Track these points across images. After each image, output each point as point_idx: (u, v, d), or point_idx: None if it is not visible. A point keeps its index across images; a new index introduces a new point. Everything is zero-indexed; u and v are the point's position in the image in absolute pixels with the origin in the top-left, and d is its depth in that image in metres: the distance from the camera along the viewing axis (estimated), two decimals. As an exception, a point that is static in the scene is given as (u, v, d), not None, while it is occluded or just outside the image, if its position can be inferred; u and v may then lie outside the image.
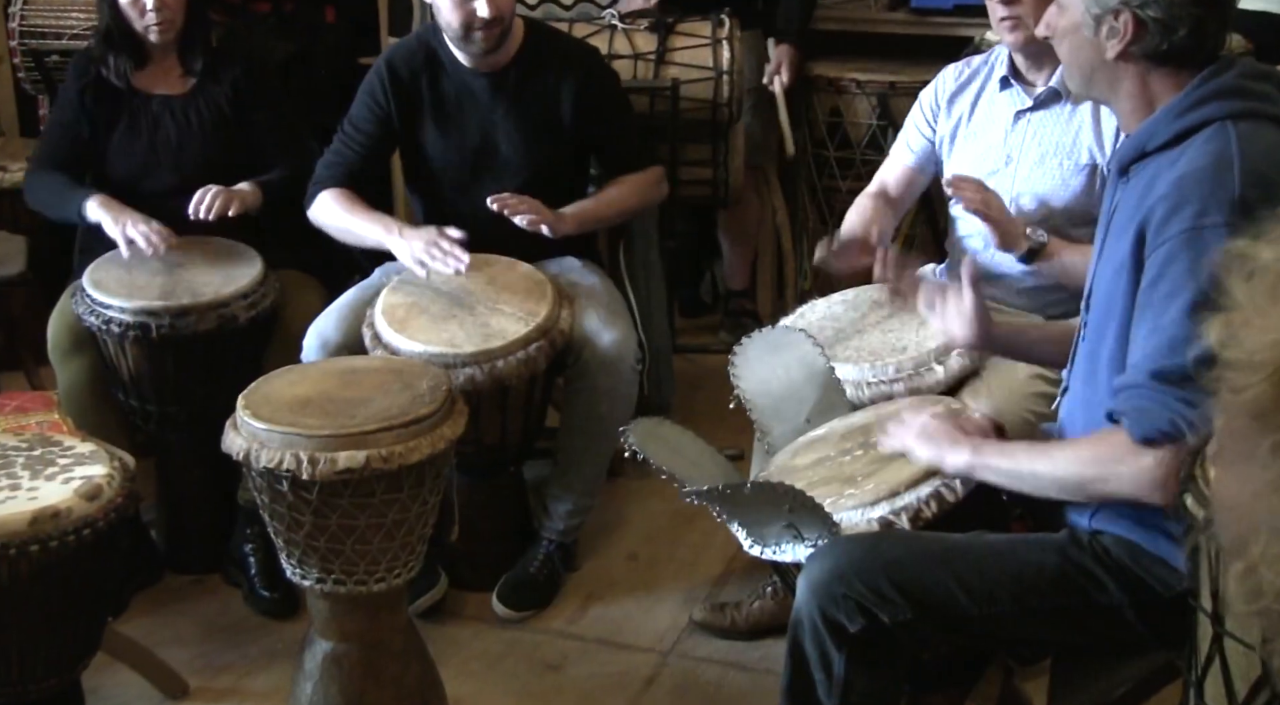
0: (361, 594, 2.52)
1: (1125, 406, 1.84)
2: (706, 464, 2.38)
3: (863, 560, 2.00)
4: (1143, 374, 1.81)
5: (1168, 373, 1.78)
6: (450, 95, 3.30)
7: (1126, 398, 1.84)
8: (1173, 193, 1.83)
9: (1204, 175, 1.83)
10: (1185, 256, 1.79)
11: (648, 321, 3.70)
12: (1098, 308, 2.01)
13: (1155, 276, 1.83)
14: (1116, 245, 1.94)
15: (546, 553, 3.26)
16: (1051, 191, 2.80)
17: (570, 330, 3.11)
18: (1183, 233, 1.80)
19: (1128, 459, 1.84)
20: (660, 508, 3.57)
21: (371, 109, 3.33)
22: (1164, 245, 1.81)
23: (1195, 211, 1.80)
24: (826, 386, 2.52)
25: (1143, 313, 1.85)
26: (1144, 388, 1.81)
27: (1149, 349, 1.82)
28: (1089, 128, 2.77)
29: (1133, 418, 1.82)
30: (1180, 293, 1.78)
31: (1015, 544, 2.07)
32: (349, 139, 3.35)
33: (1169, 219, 1.82)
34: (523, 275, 3.18)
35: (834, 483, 2.20)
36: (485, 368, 2.93)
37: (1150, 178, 1.92)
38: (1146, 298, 1.84)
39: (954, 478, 2.09)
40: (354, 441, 2.40)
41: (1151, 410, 1.80)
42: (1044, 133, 2.82)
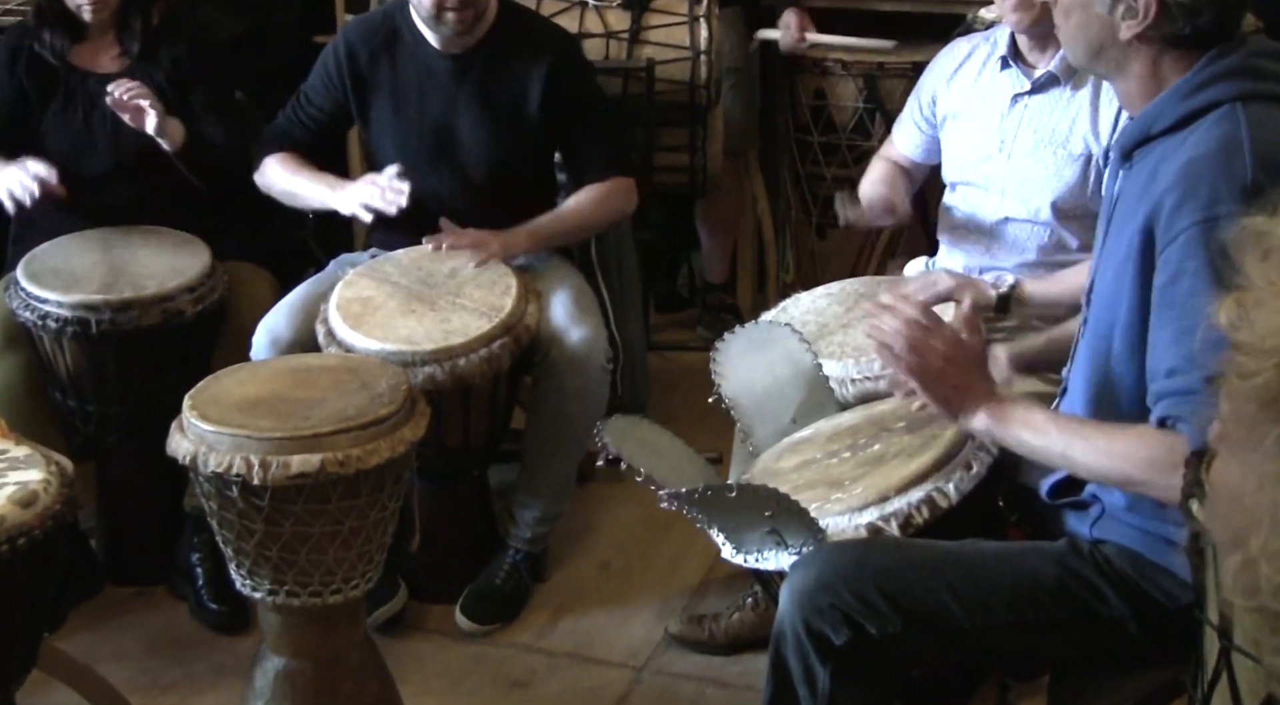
0: (316, 606, 2.51)
1: (1182, 412, 1.80)
2: (685, 466, 2.39)
3: (850, 569, 2.00)
4: (1197, 380, 1.77)
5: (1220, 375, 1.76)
6: (411, 75, 3.30)
7: (1180, 404, 1.81)
8: (1181, 181, 1.83)
9: (1213, 160, 1.83)
10: (1202, 250, 1.78)
11: (620, 317, 3.69)
12: (1100, 303, 2.01)
13: (1174, 273, 1.82)
14: (1120, 236, 1.94)
15: (513, 562, 3.26)
16: (1043, 182, 2.82)
17: (537, 326, 3.11)
18: (1195, 224, 1.79)
19: (1181, 469, 1.82)
20: (634, 513, 3.57)
21: (326, 85, 3.35)
22: (1178, 239, 1.81)
23: (1206, 201, 1.80)
24: (813, 385, 2.52)
25: (1164, 312, 1.84)
26: (1199, 394, 1.75)
27: (1188, 352, 1.79)
28: (1086, 116, 2.78)
29: (1193, 425, 1.77)
30: (1206, 291, 1.76)
31: (1012, 553, 2.07)
32: (301, 112, 3.38)
33: (1179, 210, 1.82)
34: (486, 268, 3.17)
35: (820, 486, 2.21)
36: (447, 366, 2.93)
37: (1155, 163, 1.92)
38: (1167, 296, 1.83)
39: (949, 481, 2.10)
40: (308, 444, 2.39)
41: (1210, 417, 1.77)
42: (1040, 119, 2.83)
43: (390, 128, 3.32)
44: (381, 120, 3.33)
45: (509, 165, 3.32)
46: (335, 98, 3.34)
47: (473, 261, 3.14)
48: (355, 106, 3.34)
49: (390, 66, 3.31)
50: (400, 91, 3.31)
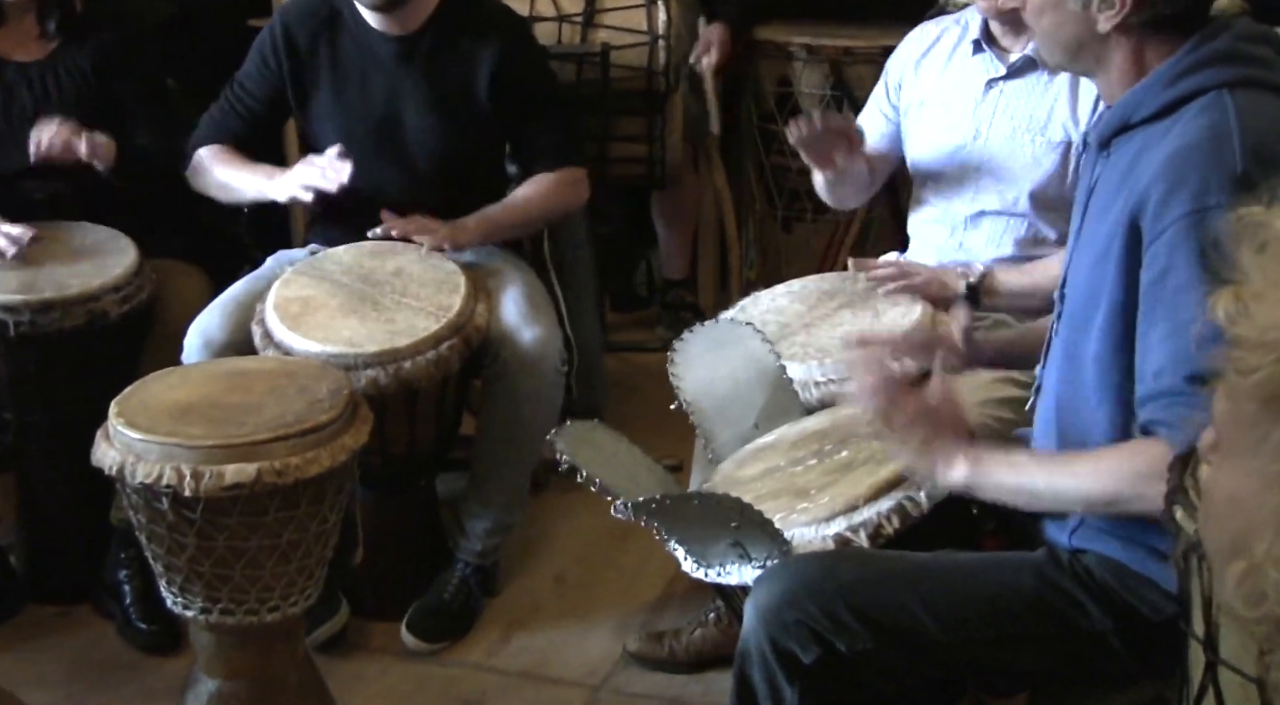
0: (252, 625, 2.50)
1: (1165, 416, 1.82)
2: (642, 475, 2.38)
3: (817, 582, 2.00)
4: (1179, 380, 1.79)
5: (1206, 374, 1.76)
6: (352, 60, 3.29)
7: (1162, 407, 1.82)
8: (1168, 172, 1.83)
9: (1201, 150, 1.83)
10: (1190, 245, 1.79)
11: (575, 316, 3.68)
12: (1076, 297, 2.01)
13: (1162, 269, 1.82)
14: (1098, 228, 1.95)
15: (462, 576, 3.25)
16: (1022, 171, 2.82)
17: (487, 326, 3.10)
18: (1184, 217, 1.80)
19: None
20: (591, 524, 3.56)
21: (261, 72, 3.33)
22: (1165, 233, 1.81)
23: (1195, 192, 1.80)
24: (777, 387, 2.52)
25: (1152, 310, 1.84)
26: (1183, 395, 1.79)
27: (1178, 352, 1.80)
28: (1065, 101, 2.79)
29: (1175, 428, 1.79)
30: (1194, 287, 1.77)
31: (988, 563, 2.08)
32: (236, 101, 3.36)
33: (1166, 202, 1.82)
34: (433, 265, 3.16)
35: (785, 495, 2.21)
36: (391, 369, 2.91)
37: (1136, 153, 1.92)
38: (1154, 293, 1.84)
39: (920, 489, 2.10)
40: (243, 453, 2.38)
41: (1197, 419, 1.77)
42: (1016, 105, 2.84)
43: (330, 116, 3.31)
44: (321, 109, 3.32)
45: (457, 156, 3.32)
46: (272, 85, 3.32)
47: (423, 247, 3.13)
48: (293, 94, 3.32)
49: (330, 51, 3.29)
50: (341, 77, 3.29)
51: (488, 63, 3.26)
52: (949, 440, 2.04)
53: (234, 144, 3.34)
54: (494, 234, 3.32)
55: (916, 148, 3.00)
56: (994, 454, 2.02)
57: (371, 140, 3.28)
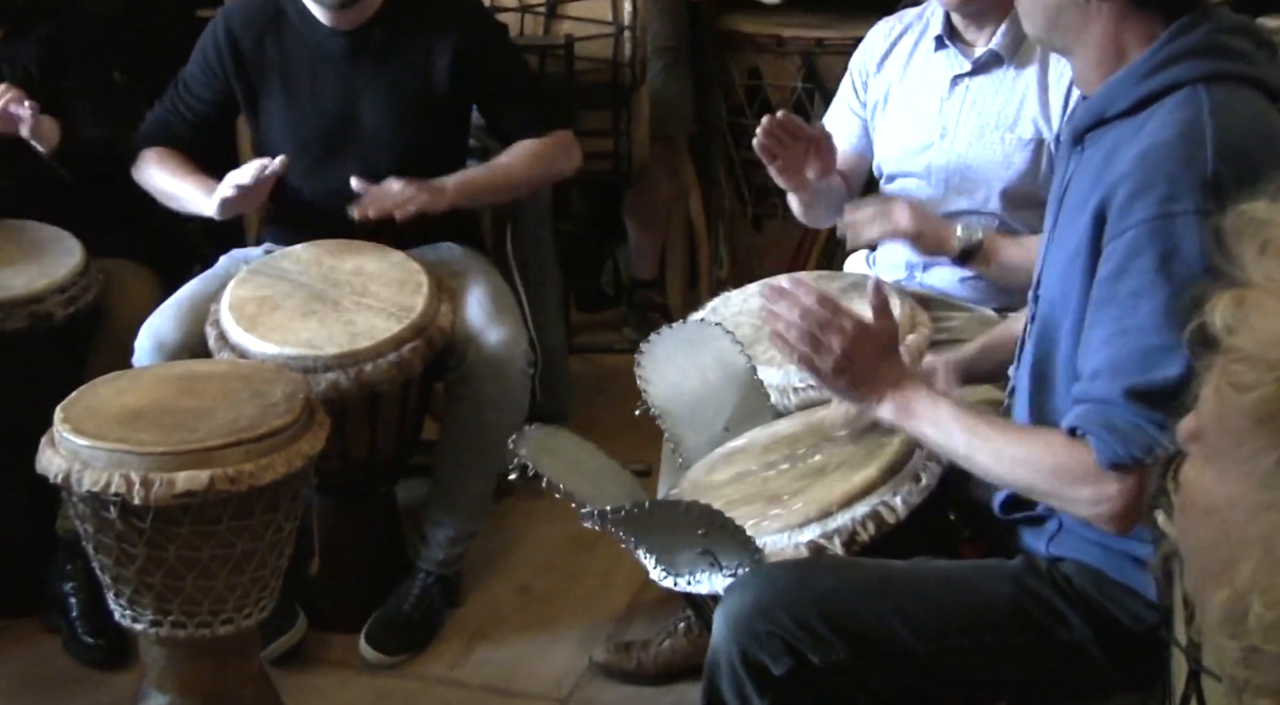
0: (205, 638, 2.50)
1: (1091, 424, 1.83)
2: (609, 481, 2.38)
3: (790, 591, 2.00)
4: (1115, 389, 1.80)
5: (1145, 391, 1.78)
6: (302, 58, 3.27)
7: (1093, 413, 1.84)
8: (1137, 170, 1.84)
9: (1172, 150, 1.83)
10: (1153, 249, 1.79)
11: (540, 317, 3.69)
12: (1049, 298, 2.02)
13: (1117, 268, 1.83)
14: (1071, 227, 1.95)
15: (424, 586, 3.24)
16: (991, 170, 2.82)
17: (450, 328, 3.10)
18: (1149, 220, 1.80)
19: (1089, 481, 1.85)
20: (556, 533, 3.56)
21: (206, 73, 3.31)
22: (1128, 233, 1.82)
23: (1163, 195, 1.80)
24: (747, 390, 2.52)
25: (1102, 308, 1.85)
26: (1115, 405, 1.80)
27: (1118, 358, 1.81)
28: (1034, 97, 2.79)
29: (1102, 439, 1.81)
30: (1150, 293, 1.79)
31: (965, 572, 2.08)
32: (181, 103, 3.34)
33: (1132, 202, 1.82)
34: (394, 264, 3.16)
35: (756, 501, 2.20)
36: (351, 372, 2.91)
37: (1110, 148, 1.92)
38: (1107, 291, 1.84)
39: (896, 494, 2.10)
40: (195, 459, 2.38)
41: (1125, 432, 1.80)
42: (983, 101, 2.84)
43: (282, 117, 3.30)
44: (271, 109, 3.31)
45: (417, 151, 3.30)
46: (218, 86, 3.31)
47: (386, 250, 3.12)
48: (241, 95, 3.31)
49: (278, 49, 3.28)
50: (290, 76, 3.28)
51: (446, 49, 3.25)
52: (879, 376, 2.05)
53: (179, 147, 3.31)
54: (474, 197, 3.30)
55: (883, 147, 3.00)
56: (921, 402, 2.02)
57: (326, 141, 3.27)
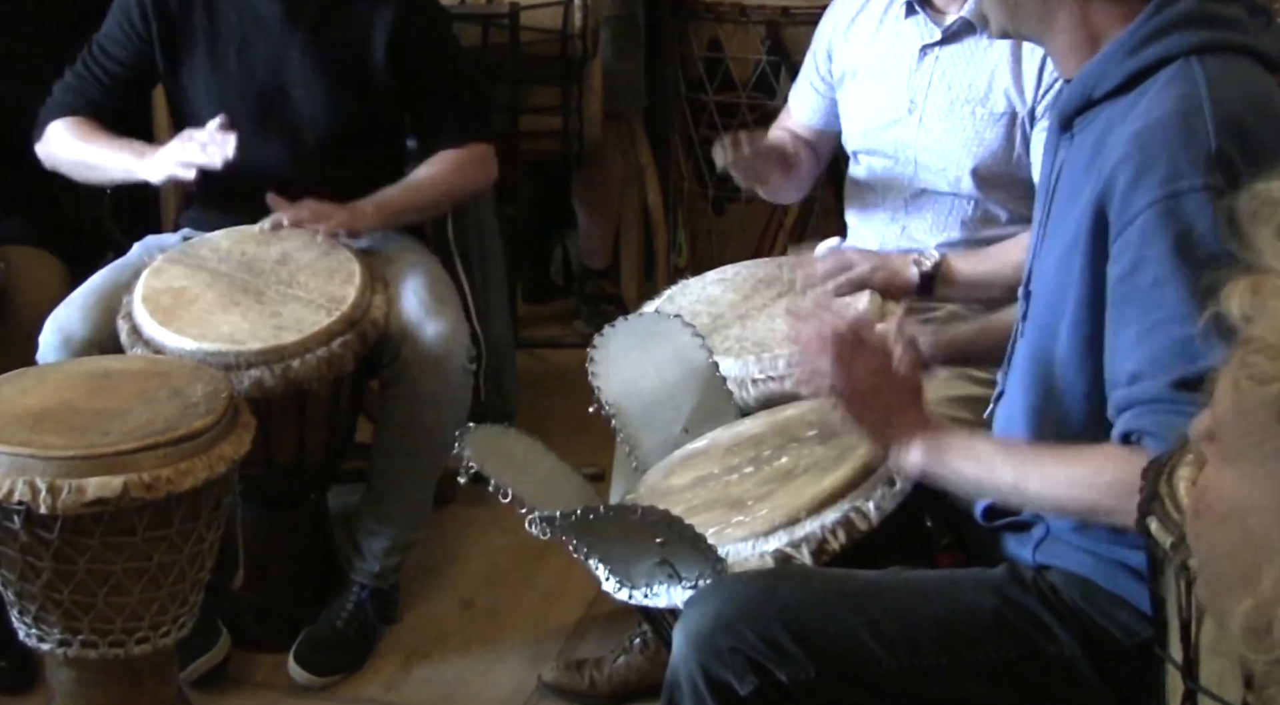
0: (118, 658, 2.49)
1: (1149, 425, 1.81)
2: (559, 485, 2.38)
3: (755, 605, 2.00)
4: (1163, 386, 1.79)
5: (1194, 381, 1.74)
6: (231, 21, 3.27)
7: (1145, 414, 1.82)
8: (1135, 153, 1.83)
9: (1170, 127, 1.83)
10: (1165, 233, 1.79)
11: (483, 309, 3.69)
12: (1043, 297, 2.02)
13: (1133, 262, 1.82)
14: (1065, 219, 1.95)
15: (358, 601, 3.24)
16: (963, 146, 2.83)
17: (385, 320, 3.10)
18: (1155, 203, 1.80)
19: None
20: (502, 541, 3.57)
21: (126, 33, 3.29)
22: (1135, 221, 1.82)
23: (1166, 175, 1.80)
24: (708, 387, 2.53)
25: (1124, 308, 1.84)
26: (1168, 402, 1.78)
27: (1157, 354, 1.80)
28: (1006, 68, 2.80)
29: (1162, 438, 1.78)
30: (1172, 279, 1.78)
31: (943, 583, 2.08)
32: (95, 64, 3.32)
33: (1135, 187, 1.82)
34: (324, 252, 3.15)
35: (718, 507, 2.21)
36: (278, 369, 2.90)
37: (1101, 132, 1.93)
38: (1125, 290, 1.84)
39: (869, 499, 2.10)
40: (107, 464, 2.38)
41: (1182, 427, 1.76)
42: (954, 73, 2.84)
43: (206, 86, 3.28)
44: (195, 77, 3.29)
45: (351, 130, 3.30)
46: (137, 49, 3.28)
47: (314, 232, 3.11)
48: (162, 60, 3.28)
49: (205, 10, 3.27)
50: (218, 41, 3.26)
51: (384, 25, 3.25)
52: (908, 417, 2.04)
53: (94, 115, 3.29)
54: (394, 219, 3.31)
55: (849, 123, 3.00)
56: (955, 439, 2.01)
57: (254, 114, 3.26)
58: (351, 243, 3.19)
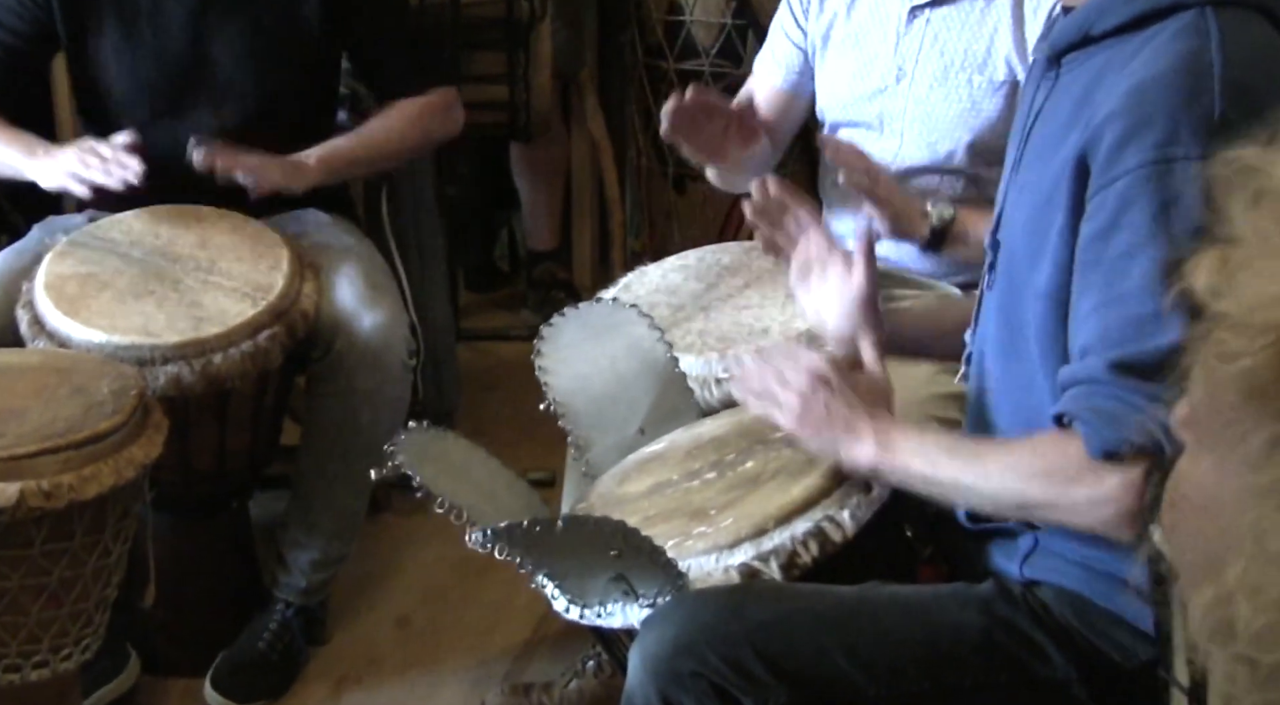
0: (13, 685, 2.50)
1: (1079, 408, 1.84)
2: (503, 493, 2.38)
3: (719, 624, 2.00)
4: (1101, 365, 1.81)
5: (1136, 363, 1.78)
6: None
7: (1080, 396, 1.84)
8: (1129, 108, 1.83)
9: (1173, 84, 1.82)
10: (1147, 200, 1.79)
11: (421, 297, 3.70)
12: (1013, 248, 2.02)
13: (1106, 225, 1.82)
14: (1041, 166, 1.95)
15: (283, 620, 3.24)
16: (958, 118, 2.84)
17: (315, 311, 3.10)
18: (1143, 166, 1.80)
19: (1085, 479, 1.85)
20: (441, 555, 3.58)
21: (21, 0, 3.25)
22: (1117, 182, 1.81)
23: (1160, 137, 1.79)
24: (667, 384, 2.53)
25: (1089, 274, 1.85)
26: (1103, 383, 1.81)
27: (1108, 329, 1.82)
28: (1007, 31, 2.80)
29: (1090, 424, 1.82)
30: (1142, 251, 1.79)
31: (926, 599, 2.08)
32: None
33: (1124, 145, 1.81)
34: (248, 236, 3.16)
35: (678, 517, 2.21)
36: (196, 364, 2.90)
37: (1094, 75, 1.92)
38: (1094, 253, 1.84)
39: (843, 508, 2.10)
40: (2, 470, 2.37)
41: (1116, 414, 1.80)
42: (948, 37, 2.85)
43: (116, 55, 3.27)
44: (103, 45, 3.27)
45: (281, 101, 3.31)
46: (35, 16, 3.26)
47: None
48: (64, 27, 3.26)
49: (114, -27, 3.25)
50: (129, 6, 3.25)
51: None
52: (858, 415, 2.06)
53: None
54: (343, 171, 3.31)
55: (827, 92, 2.99)
56: (906, 434, 2.04)
57: (171, 86, 3.26)
58: (280, 225, 3.20)
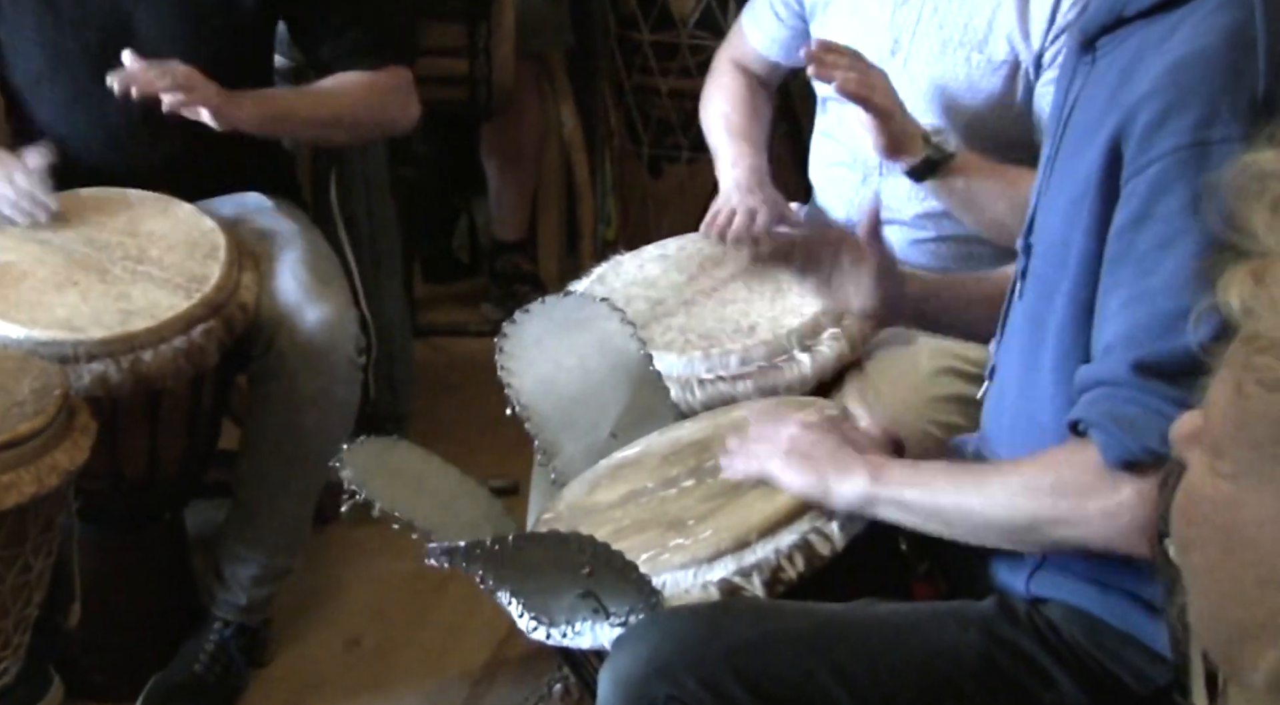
0: (-73, 712, 2.50)
1: (1096, 414, 1.83)
2: (463, 504, 2.39)
3: (697, 645, 2.00)
4: (1123, 365, 1.81)
5: (1159, 363, 1.78)
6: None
7: (1098, 401, 1.83)
8: (1166, 87, 1.83)
9: (1214, 61, 1.83)
10: (1182, 186, 1.79)
11: (374, 290, 3.70)
12: (1045, 252, 2.02)
13: (1138, 214, 1.83)
14: (1077, 159, 1.95)
15: (221, 640, 3.24)
16: (954, 96, 2.85)
17: (256, 304, 3.10)
18: (1178, 150, 1.80)
19: (1100, 491, 1.85)
20: (394, 570, 3.57)
21: None
22: (1151, 167, 1.82)
23: (1199, 118, 1.80)
24: (641, 384, 2.53)
25: (1118, 267, 1.85)
26: (1124, 386, 1.81)
27: (1132, 326, 1.82)
28: (1010, 7, 2.81)
29: (1109, 432, 1.81)
30: (1176, 243, 1.79)
31: (921, 618, 2.09)
32: None
33: (1159, 127, 1.82)
34: (181, 221, 3.15)
35: (653, 528, 2.21)
36: (125, 362, 2.90)
37: (1130, 58, 1.92)
38: (1125, 245, 1.84)
39: (831, 519, 2.10)
40: (-87, 477, 2.38)
41: (1137, 420, 1.80)
42: (947, 10, 2.86)
43: (30, 28, 3.26)
44: (16, 18, 3.26)
45: (211, 73, 3.25)
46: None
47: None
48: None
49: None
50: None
51: None
52: (849, 449, 2.09)
53: None
54: (279, 123, 3.30)
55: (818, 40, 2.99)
56: (900, 464, 2.06)
57: (91, 64, 3.22)
58: (217, 210, 3.19)
